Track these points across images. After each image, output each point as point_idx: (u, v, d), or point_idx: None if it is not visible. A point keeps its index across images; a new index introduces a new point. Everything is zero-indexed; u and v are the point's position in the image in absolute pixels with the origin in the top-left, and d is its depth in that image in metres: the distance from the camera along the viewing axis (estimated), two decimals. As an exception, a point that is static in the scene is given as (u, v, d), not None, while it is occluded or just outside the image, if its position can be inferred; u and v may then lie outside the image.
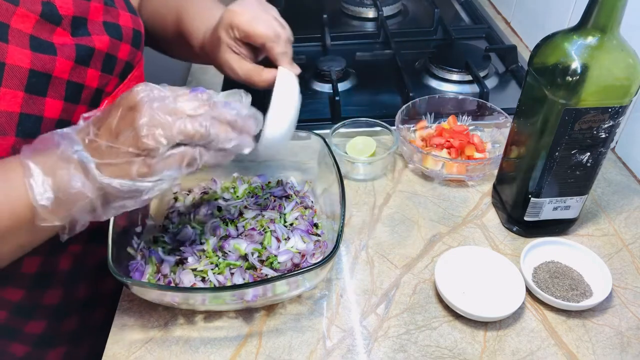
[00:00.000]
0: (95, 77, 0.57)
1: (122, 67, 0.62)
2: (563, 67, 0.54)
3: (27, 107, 0.50)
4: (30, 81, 0.49)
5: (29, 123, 0.50)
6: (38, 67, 0.50)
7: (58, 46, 0.52)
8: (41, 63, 0.50)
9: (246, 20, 0.55)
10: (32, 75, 0.50)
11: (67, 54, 0.53)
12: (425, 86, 0.99)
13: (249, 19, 0.56)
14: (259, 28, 0.55)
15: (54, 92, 0.52)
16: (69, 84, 0.54)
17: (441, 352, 0.55)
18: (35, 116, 0.51)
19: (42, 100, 0.51)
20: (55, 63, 0.52)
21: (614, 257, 0.66)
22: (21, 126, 0.50)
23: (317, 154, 0.71)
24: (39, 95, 0.51)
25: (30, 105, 0.50)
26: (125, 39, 0.62)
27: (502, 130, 0.80)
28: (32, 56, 0.50)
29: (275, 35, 0.55)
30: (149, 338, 0.57)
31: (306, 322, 0.59)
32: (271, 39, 0.56)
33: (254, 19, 0.56)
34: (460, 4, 1.32)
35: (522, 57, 1.04)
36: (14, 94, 0.49)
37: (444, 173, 0.76)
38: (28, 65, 0.49)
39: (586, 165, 0.60)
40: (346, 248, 0.67)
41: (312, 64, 1.02)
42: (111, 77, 0.60)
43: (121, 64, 0.62)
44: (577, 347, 0.56)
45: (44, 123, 0.52)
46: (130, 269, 0.59)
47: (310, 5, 1.30)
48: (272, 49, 0.56)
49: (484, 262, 0.63)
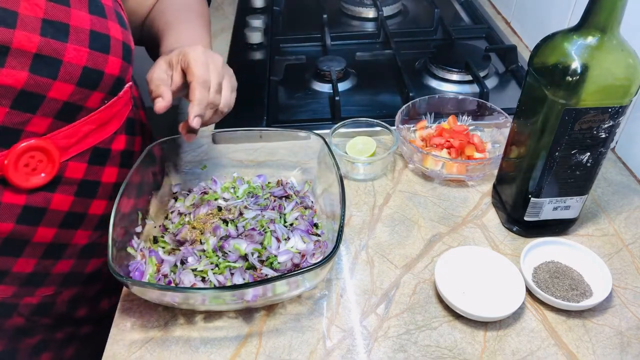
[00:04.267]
0: None
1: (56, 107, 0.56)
2: (563, 67, 0.54)
3: None
4: None
5: None
6: None
7: None
8: None
9: (195, 55, 0.58)
10: None
11: None
12: (425, 86, 0.99)
13: (197, 56, 0.58)
14: (197, 66, 0.58)
15: None
16: None
17: (441, 352, 0.55)
18: None
19: None
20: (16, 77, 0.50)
21: (614, 257, 0.66)
22: None
23: (317, 154, 0.71)
24: None
25: None
26: (114, 52, 0.58)
27: (502, 130, 0.80)
28: None
29: (204, 80, 0.58)
30: (149, 338, 0.57)
31: (306, 322, 0.59)
32: (198, 81, 0.57)
33: (200, 59, 0.58)
34: (460, 4, 1.32)
35: (522, 57, 1.04)
36: None
37: (444, 173, 0.76)
38: None
39: (586, 165, 0.60)
40: (346, 248, 0.67)
41: (312, 64, 1.02)
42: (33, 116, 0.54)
43: (55, 104, 0.56)
44: (577, 347, 0.56)
45: None
46: (130, 269, 0.59)
47: (310, 5, 1.30)
48: (192, 91, 0.57)
49: (484, 262, 0.63)
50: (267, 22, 1.20)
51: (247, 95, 0.97)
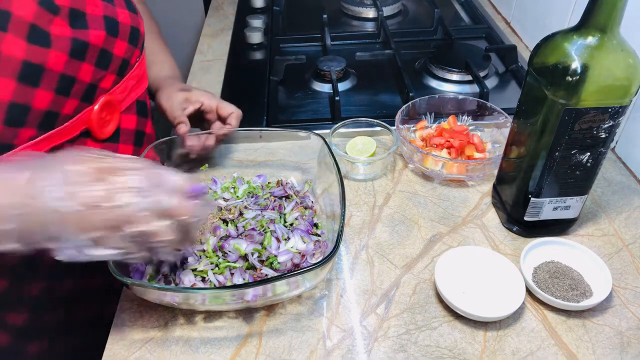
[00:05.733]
0: (89, 71, 0.58)
1: (118, 64, 0.63)
2: (563, 67, 0.54)
3: (18, 96, 0.51)
4: (22, 72, 0.50)
5: (17, 112, 0.51)
6: (32, 59, 0.51)
7: (54, 38, 0.53)
8: (35, 55, 0.51)
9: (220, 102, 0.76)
10: (26, 67, 0.51)
11: (61, 47, 0.54)
12: (425, 86, 0.99)
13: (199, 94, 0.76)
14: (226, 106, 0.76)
15: (46, 84, 0.53)
16: (62, 76, 0.54)
17: (441, 352, 0.55)
18: (24, 105, 0.52)
19: (32, 90, 0.52)
20: (47, 56, 0.52)
21: (614, 257, 0.66)
22: (9, 114, 0.51)
23: (317, 154, 0.71)
24: (31, 85, 0.52)
25: (21, 95, 0.51)
26: (122, 35, 0.62)
27: (502, 130, 0.80)
28: (27, 47, 0.50)
29: (209, 106, 0.75)
30: (149, 338, 0.57)
31: (306, 322, 0.59)
32: (205, 109, 0.76)
33: (226, 103, 0.76)
34: (460, 4, 1.32)
35: (522, 57, 1.04)
36: (6, 83, 0.50)
37: (444, 173, 0.76)
38: (22, 56, 0.50)
39: (586, 165, 0.60)
40: (346, 248, 0.67)
41: (312, 64, 1.02)
42: (106, 73, 0.61)
43: (117, 60, 0.62)
44: (577, 347, 0.56)
45: (31, 113, 0.53)
46: (130, 269, 0.59)
47: (310, 5, 1.30)
48: (231, 119, 0.75)
49: (484, 262, 0.63)
50: (267, 22, 1.20)
51: (247, 95, 0.97)
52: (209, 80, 1.03)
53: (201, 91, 0.76)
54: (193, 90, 0.75)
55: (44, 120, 0.55)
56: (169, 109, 0.73)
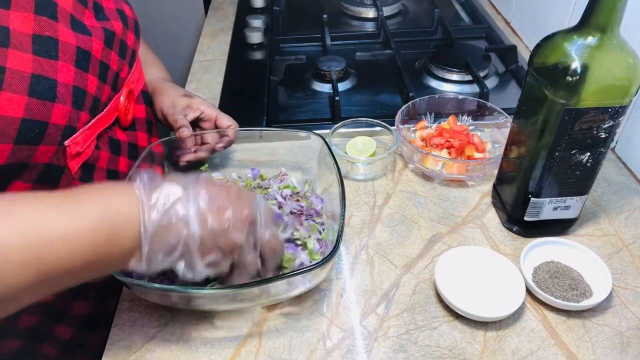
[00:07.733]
0: (115, 60, 0.61)
1: (130, 55, 0.66)
2: (563, 67, 0.54)
3: (78, 81, 0.53)
4: (77, 57, 0.54)
5: (79, 96, 0.54)
6: (82, 45, 0.54)
7: (90, 27, 0.57)
8: (83, 42, 0.54)
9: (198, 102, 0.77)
10: (79, 52, 0.54)
11: (98, 36, 0.57)
12: (425, 86, 0.99)
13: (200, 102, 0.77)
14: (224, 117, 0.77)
15: (93, 69, 0.56)
16: (101, 63, 0.58)
17: (441, 352, 0.55)
18: (83, 90, 0.55)
19: (86, 75, 0.55)
20: (92, 43, 0.56)
21: (614, 257, 0.66)
22: (75, 98, 0.53)
23: (317, 154, 0.71)
24: (84, 71, 0.55)
25: (79, 80, 0.54)
26: (130, 27, 0.65)
27: (502, 130, 0.80)
28: (75, 35, 0.54)
29: (209, 115, 0.76)
30: (149, 338, 0.57)
31: (306, 322, 0.59)
32: (204, 117, 0.76)
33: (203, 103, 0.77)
34: (460, 4, 1.32)
35: (522, 57, 1.04)
36: (67, 67, 0.53)
37: (444, 173, 0.76)
38: (75, 42, 0.53)
39: (586, 165, 0.60)
40: (346, 248, 0.67)
41: (312, 64, 1.02)
42: (124, 62, 0.64)
43: (129, 51, 0.66)
44: (577, 347, 0.56)
45: (87, 97, 0.56)
46: (130, 269, 0.59)
47: (310, 5, 1.30)
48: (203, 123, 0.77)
49: (484, 262, 0.63)
50: (267, 22, 1.20)
51: (247, 95, 0.97)
52: (208, 80, 1.03)
53: (202, 99, 0.77)
54: (195, 97, 0.77)
55: (93, 105, 0.57)
56: (172, 113, 0.74)
